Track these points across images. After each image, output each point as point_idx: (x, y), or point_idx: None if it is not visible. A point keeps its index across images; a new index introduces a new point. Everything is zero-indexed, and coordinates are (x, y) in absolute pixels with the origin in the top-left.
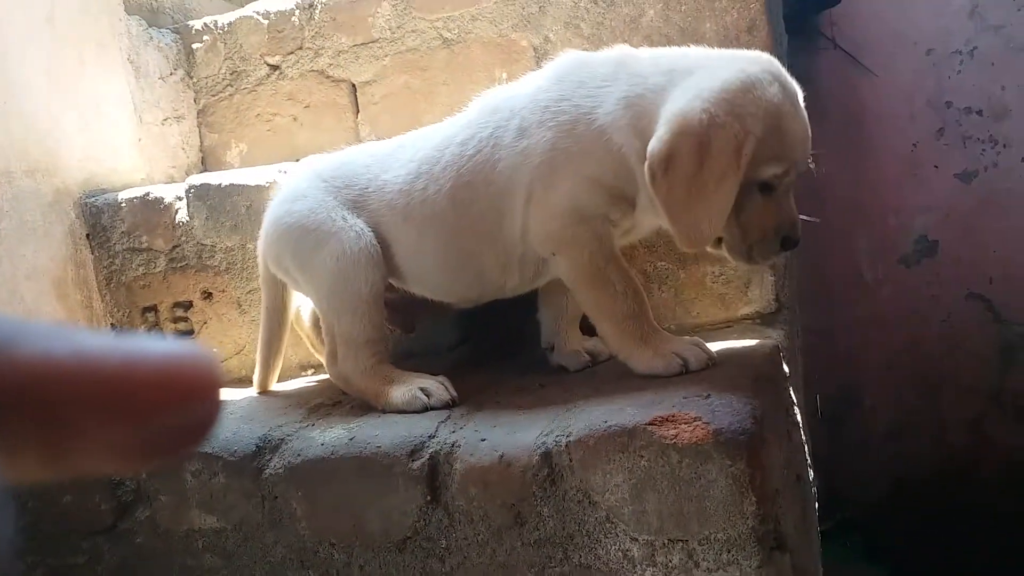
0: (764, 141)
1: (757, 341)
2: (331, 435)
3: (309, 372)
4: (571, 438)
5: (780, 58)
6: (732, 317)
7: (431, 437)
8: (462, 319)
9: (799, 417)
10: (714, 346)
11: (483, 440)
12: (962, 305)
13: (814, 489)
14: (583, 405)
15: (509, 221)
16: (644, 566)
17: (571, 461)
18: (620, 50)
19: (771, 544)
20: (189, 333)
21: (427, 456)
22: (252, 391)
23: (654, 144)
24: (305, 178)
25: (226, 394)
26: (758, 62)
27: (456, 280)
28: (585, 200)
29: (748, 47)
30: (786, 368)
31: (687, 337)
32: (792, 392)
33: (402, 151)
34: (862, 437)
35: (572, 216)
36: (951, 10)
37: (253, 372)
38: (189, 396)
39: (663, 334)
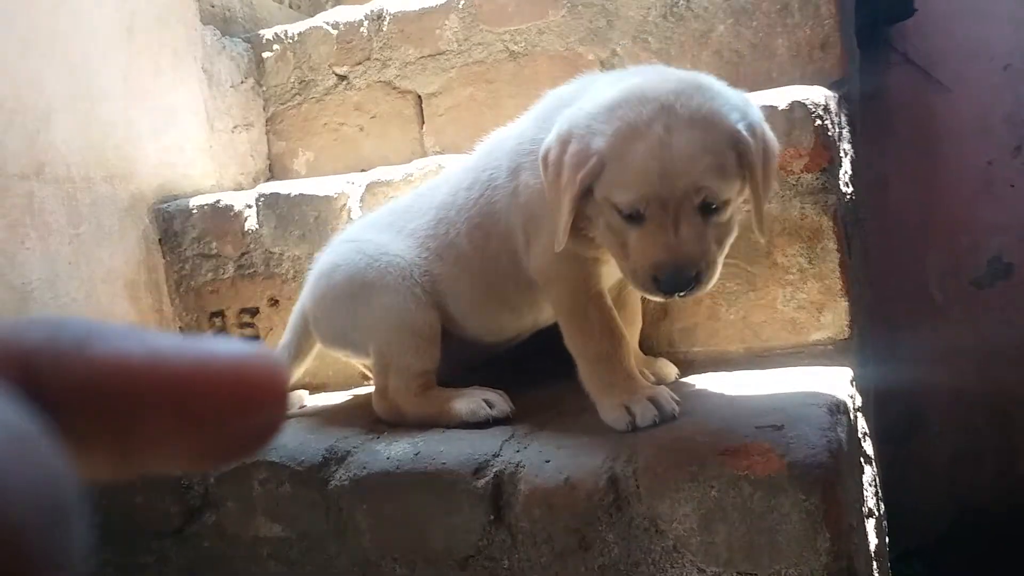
0: (610, 163)
1: (830, 369)
2: (396, 449)
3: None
4: (639, 464)
5: (851, 74)
6: (803, 343)
7: (495, 456)
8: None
9: (871, 449)
10: (787, 373)
11: (547, 461)
12: None
13: (884, 523)
14: (649, 430)
15: (522, 259)
16: None
17: (638, 488)
18: (585, 77)
19: None
20: (256, 339)
21: (491, 475)
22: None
23: (544, 142)
24: (339, 246)
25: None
26: (657, 83)
27: (494, 317)
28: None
29: (821, 64)
30: (859, 398)
31: (659, 387)
32: (865, 422)
33: (421, 200)
34: (928, 464)
35: (556, 254)
36: None
37: (310, 378)
38: (257, 398)
39: (632, 382)
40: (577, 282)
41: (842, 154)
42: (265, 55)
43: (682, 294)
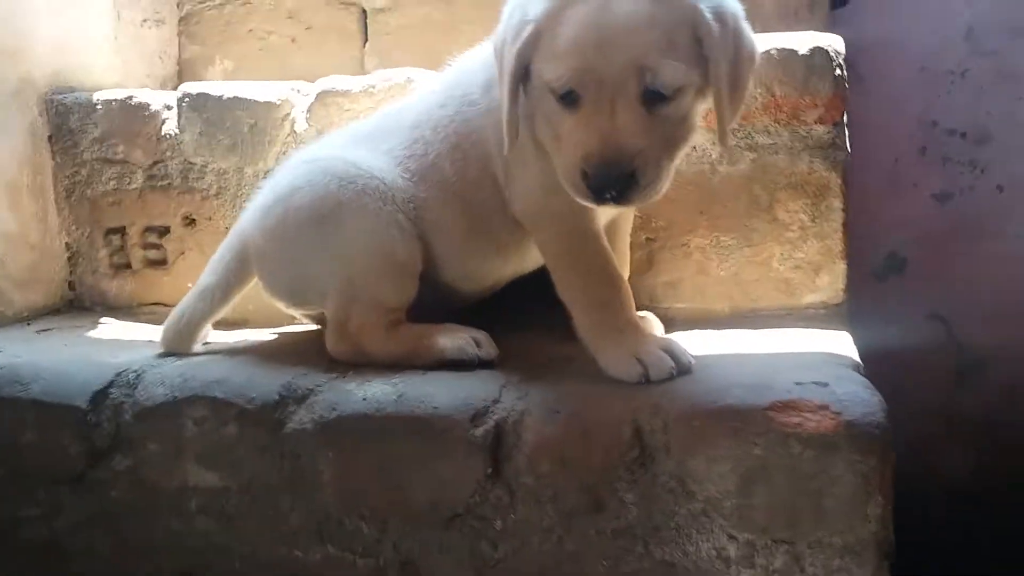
0: (544, 33)
1: (828, 332)
2: (373, 390)
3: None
4: (670, 416)
5: None
6: (794, 305)
7: (495, 402)
8: None
9: None
10: (786, 333)
11: (557, 411)
12: (924, 324)
13: None
14: (667, 383)
15: (500, 182)
16: (739, 568)
17: (668, 442)
18: None
19: (885, 554)
20: (161, 263)
21: (492, 423)
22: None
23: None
24: (299, 167)
25: (218, 336)
26: None
27: (480, 258)
28: (548, 167)
29: (808, 26)
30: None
31: (662, 337)
32: None
33: (390, 119)
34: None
35: (543, 188)
36: (948, 30)
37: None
38: None
39: (639, 331)
40: (570, 219)
41: None
42: None
43: (613, 195)
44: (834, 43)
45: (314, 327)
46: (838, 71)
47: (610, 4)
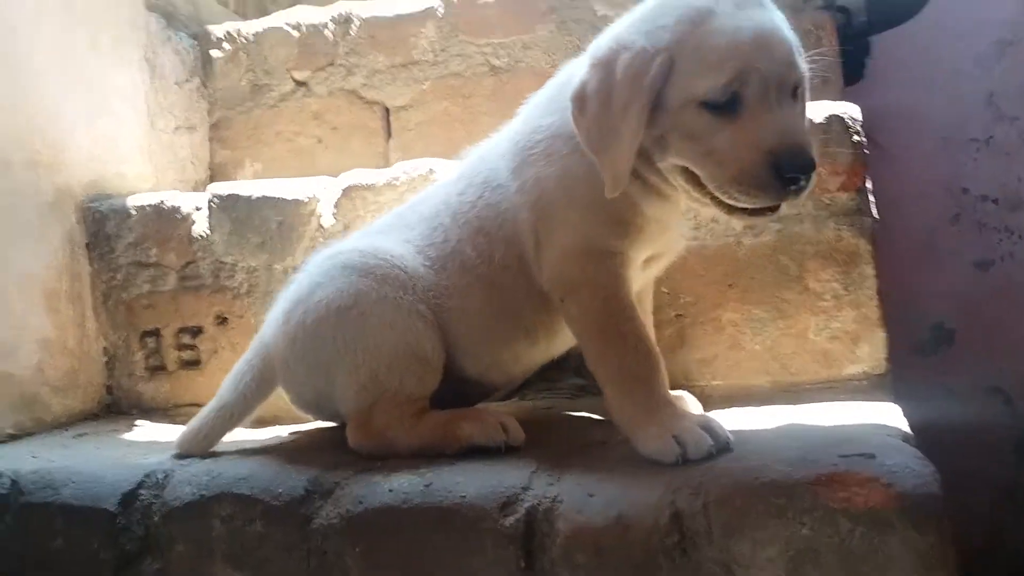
0: (683, 54)
1: (873, 403)
2: (400, 481)
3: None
4: (710, 497)
5: None
6: (835, 377)
7: (525, 489)
8: None
9: None
10: (827, 407)
11: (591, 496)
12: (979, 398)
13: None
14: (705, 463)
15: (529, 261)
16: None
17: (710, 525)
18: (567, 65)
19: None
20: (195, 363)
21: (523, 511)
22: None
23: (572, 86)
24: (321, 263)
25: (247, 434)
26: None
27: (506, 343)
28: (590, 231)
29: (820, 96)
30: None
31: (698, 414)
32: None
33: (410, 212)
34: None
35: (581, 254)
36: (968, 99)
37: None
38: None
39: (674, 408)
40: (606, 288)
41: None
42: (214, 54)
43: (802, 184)
44: (850, 111)
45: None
46: (856, 138)
47: (747, 14)
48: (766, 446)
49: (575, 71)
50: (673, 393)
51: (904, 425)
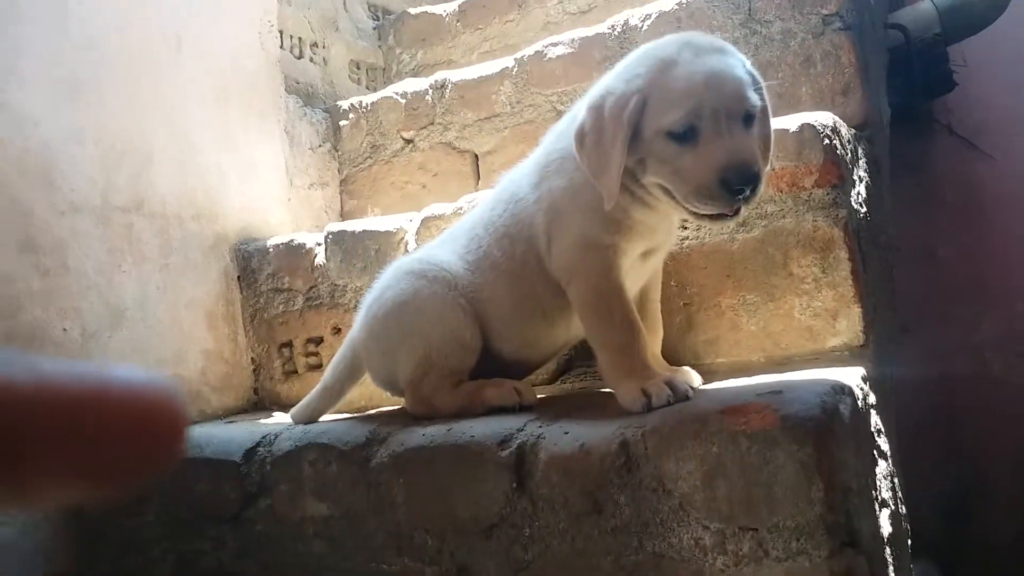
0: (652, 95)
1: (844, 368)
2: (431, 430)
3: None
4: (647, 427)
5: (878, 124)
6: (820, 349)
7: (520, 430)
8: None
9: (887, 448)
10: (799, 370)
11: (566, 433)
12: None
13: (905, 523)
14: (665, 409)
15: (543, 257)
16: (715, 555)
17: (646, 449)
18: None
19: (843, 538)
20: (318, 367)
21: (515, 446)
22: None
23: (575, 126)
24: (388, 273)
25: (334, 416)
26: (668, 37)
27: (529, 326)
28: (588, 228)
29: (843, 109)
30: (872, 396)
31: (666, 374)
32: (879, 422)
33: (458, 228)
34: (989, 537)
35: (581, 246)
36: None
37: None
38: (153, 426)
39: (648, 370)
40: (599, 274)
41: (856, 178)
42: (342, 123)
43: (747, 194)
44: (820, 119)
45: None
46: (826, 141)
47: (702, 61)
48: (713, 394)
49: (579, 110)
50: (676, 368)
51: (848, 379)
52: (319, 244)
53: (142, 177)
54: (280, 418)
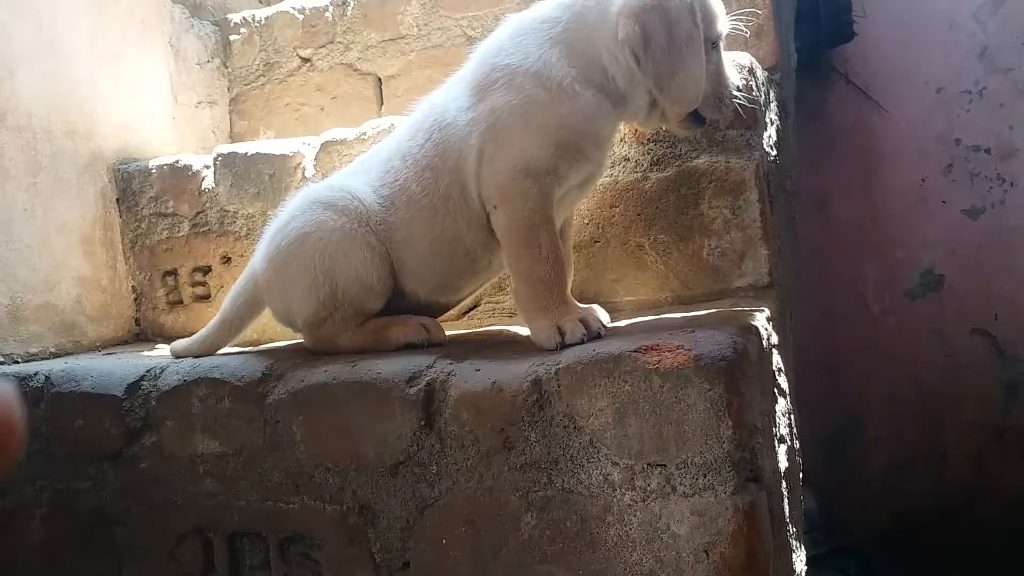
0: (702, 5)
1: (748, 307)
2: (334, 366)
3: None
4: (560, 365)
5: (790, 77)
6: (726, 289)
7: (429, 367)
8: None
9: (786, 386)
10: (706, 309)
11: (478, 370)
12: (966, 341)
13: (798, 457)
14: (578, 346)
15: (470, 188)
16: (623, 490)
17: (559, 387)
18: (512, 18)
19: (747, 474)
20: (206, 297)
21: (424, 383)
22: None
23: (624, 31)
24: (296, 201)
25: (229, 350)
26: None
27: (449, 264)
28: (535, 151)
29: (755, 51)
30: (775, 336)
31: (580, 311)
32: (780, 360)
33: (370, 158)
34: (863, 468)
35: (521, 169)
36: (961, 51)
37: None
38: None
39: (565, 307)
40: (534, 201)
41: (768, 120)
42: (232, 37)
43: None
44: (739, 59)
45: None
46: (743, 81)
47: None
48: (626, 333)
49: (525, 23)
50: (585, 305)
51: (755, 319)
52: (207, 167)
53: (3, 86)
54: (164, 350)
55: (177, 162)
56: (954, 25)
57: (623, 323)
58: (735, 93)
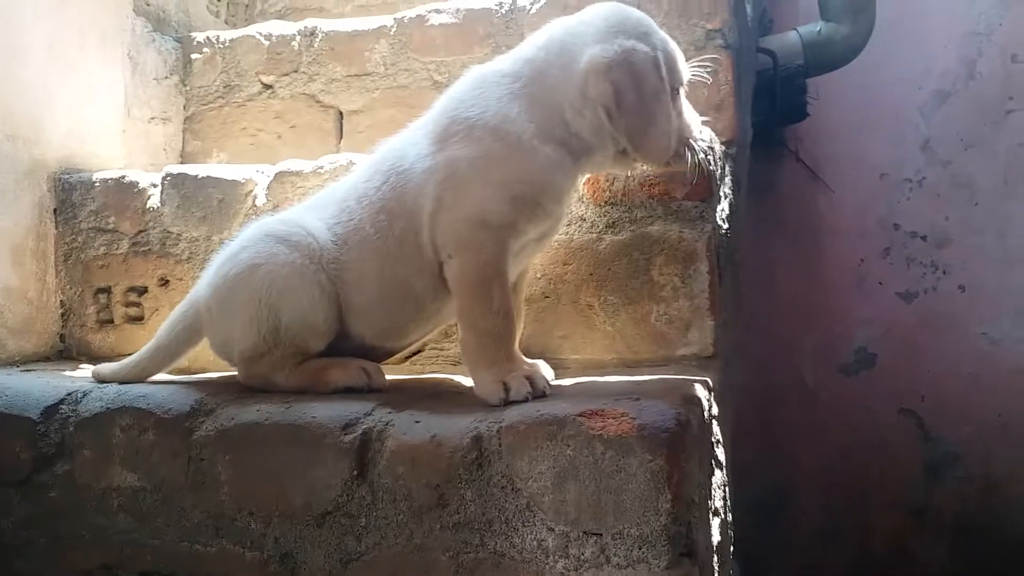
0: (665, 56)
1: (692, 377)
2: (267, 405)
3: None
4: (503, 424)
5: (742, 142)
6: (671, 356)
7: (367, 415)
8: None
9: (723, 458)
10: (650, 374)
11: (417, 422)
12: (894, 419)
13: (730, 530)
14: (521, 405)
15: (423, 235)
16: (556, 557)
17: (500, 446)
18: (478, 68)
19: (681, 549)
20: (139, 319)
21: (360, 431)
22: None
23: (596, 89)
24: (249, 232)
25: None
26: (615, 4)
27: (398, 309)
28: (492, 204)
29: (714, 124)
30: (716, 408)
31: (527, 368)
32: (719, 432)
33: (326, 196)
34: (790, 537)
35: (477, 221)
36: (906, 141)
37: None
38: None
39: (514, 363)
40: (489, 254)
41: (722, 194)
42: (194, 56)
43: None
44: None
45: None
46: (702, 155)
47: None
48: (571, 395)
49: (486, 75)
50: (531, 360)
51: (697, 391)
52: (155, 185)
53: None
54: (88, 371)
55: (123, 177)
56: (901, 116)
57: (567, 382)
58: (697, 140)
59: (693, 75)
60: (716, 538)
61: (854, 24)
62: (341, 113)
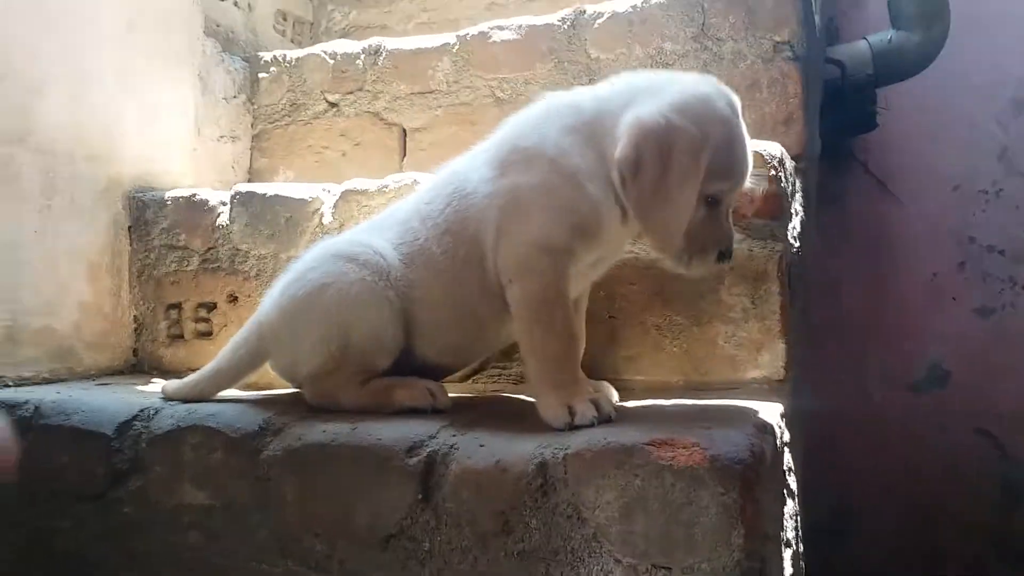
0: (716, 153)
1: (763, 402)
2: (334, 425)
3: None
4: (569, 451)
5: (812, 156)
6: (740, 379)
7: (432, 437)
8: None
9: (795, 487)
10: (719, 399)
11: (482, 446)
12: (968, 439)
13: (802, 561)
14: (587, 430)
15: (488, 259)
16: None
17: (566, 473)
18: (546, 97)
19: None
20: (208, 334)
21: (425, 454)
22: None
23: (621, 150)
24: (314, 252)
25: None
26: (709, 82)
27: (460, 329)
28: (552, 231)
29: (783, 139)
30: (787, 434)
31: (592, 392)
32: (790, 460)
33: (389, 217)
34: (859, 563)
35: (538, 247)
36: (980, 151)
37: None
38: None
39: (579, 386)
40: (550, 277)
41: (793, 211)
42: (261, 75)
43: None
44: (770, 149)
45: None
46: (772, 172)
47: (743, 132)
48: (639, 421)
49: (552, 105)
50: (595, 382)
51: (770, 417)
52: (224, 203)
53: (28, 107)
54: (159, 385)
55: (194, 195)
56: (975, 125)
57: (632, 404)
58: (725, 260)
59: (748, 186)
60: (788, 571)
61: (927, 32)
62: (404, 130)
